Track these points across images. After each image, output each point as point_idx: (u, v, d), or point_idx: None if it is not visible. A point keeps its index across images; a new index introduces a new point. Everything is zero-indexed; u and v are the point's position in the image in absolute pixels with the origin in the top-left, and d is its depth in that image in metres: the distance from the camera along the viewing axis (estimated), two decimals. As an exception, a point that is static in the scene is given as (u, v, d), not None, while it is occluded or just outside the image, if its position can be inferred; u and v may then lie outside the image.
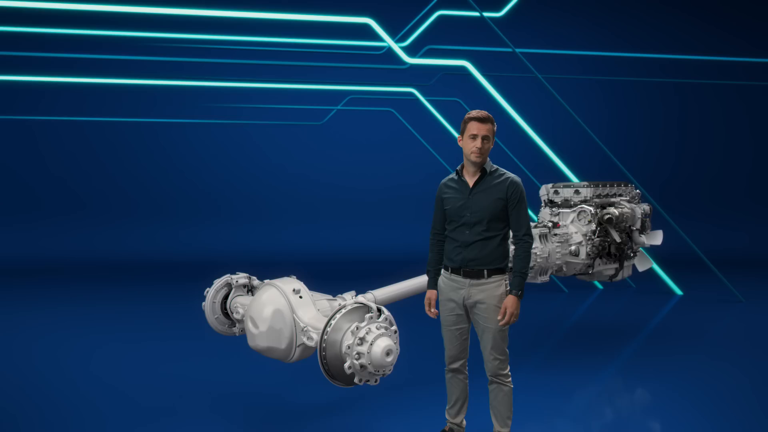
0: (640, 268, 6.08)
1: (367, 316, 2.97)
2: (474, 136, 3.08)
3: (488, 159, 3.18)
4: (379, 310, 3.03)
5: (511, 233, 3.21)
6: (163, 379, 4.54)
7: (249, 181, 12.49)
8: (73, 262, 10.67)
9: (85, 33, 9.74)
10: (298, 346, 3.31)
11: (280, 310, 3.33)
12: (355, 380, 2.93)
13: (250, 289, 3.94)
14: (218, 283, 3.88)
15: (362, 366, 2.89)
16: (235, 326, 3.91)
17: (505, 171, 3.21)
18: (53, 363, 4.95)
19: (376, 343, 2.88)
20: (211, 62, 10.93)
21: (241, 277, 3.91)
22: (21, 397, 4.17)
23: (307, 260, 10.24)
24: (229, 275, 3.92)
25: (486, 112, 3.13)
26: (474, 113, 3.13)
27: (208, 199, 12.39)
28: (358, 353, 2.88)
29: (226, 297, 3.89)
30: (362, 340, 2.89)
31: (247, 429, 3.68)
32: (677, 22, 12.61)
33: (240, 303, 3.81)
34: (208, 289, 3.91)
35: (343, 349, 2.90)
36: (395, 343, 2.96)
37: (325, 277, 5.37)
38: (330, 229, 12.12)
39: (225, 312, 3.91)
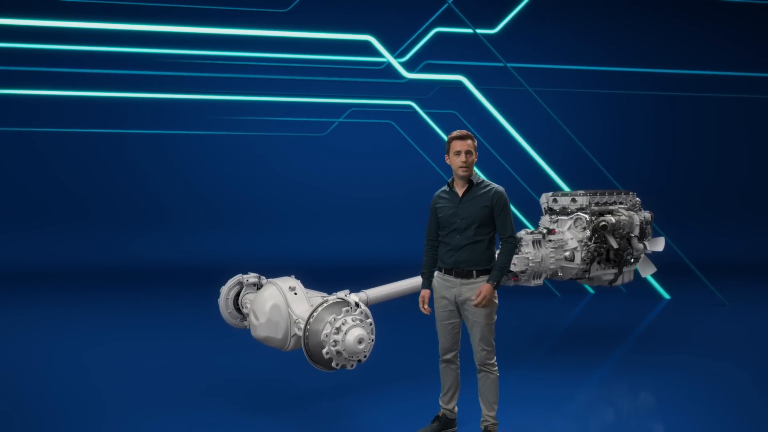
0: (643, 274, 6.24)
1: (344, 309, 3.41)
2: (458, 153, 3.45)
3: (474, 172, 3.54)
4: (357, 304, 3.44)
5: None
6: (169, 373, 4.86)
7: (253, 190, 12.82)
8: (80, 267, 10.94)
9: (94, 49, 10.15)
10: (292, 336, 3.75)
11: (277, 304, 3.78)
12: (333, 364, 3.36)
13: (260, 288, 4.29)
14: (231, 281, 4.28)
15: (338, 352, 3.33)
16: (245, 320, 4.27)
17: (490, 182, 3.56)
18: (64, 362, 5.23)
19: (350, 332, 3.33)
20: (220, 77, 11.30)
21: (251, 277, 4.31)
22: (39, 394, 4.49)
23: (309, 265, 10.52)
24: (240, 275, 4.31)
25: (465, 131, 3.50)
26: (455, 133, 3.50)
27: (213, 208, 12.72)
28: (334, 341, 3.32)
29: (238, 294, 4.27)
30: (338, 329, 3.33)
31: (248, 412, 4.01)
32: (672, 32, 12.97)
33: (249, 299, 4.19)
34: (222, 287, 4.29)
35: (322, 337, 3.34)
36: (369, 334, 3.40)
37: (325, 280, 5.70)
38: (331, 235, 12.44)
39: (237, 307, 4.29)
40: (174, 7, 10.54)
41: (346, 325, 3.35)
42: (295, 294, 3.83)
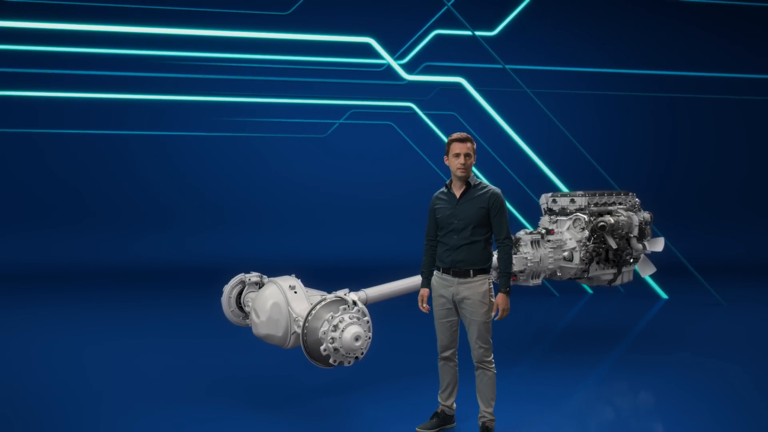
0: (643, 274, 6.31)
1: (341, 307, 3.50)
2: (457, 155, 3.53)
3: (472, 174, 3.62)
4: (354, 303, 3.53)
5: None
6: (172, 370, 4.94)
7: (255, 191, 12.91)
8: (82, 268, 11.00)
9: (97, 52, 10.27)
10: (292, 333, 3.84)
11: (278, 303, 3.88)
12: (330, 361, 3.45)
13: (261, 287, 4.37)
14: (234, 280, 4.38)
15: (335, 349, 3.42)
16: (247, 318, 4.36)
17: (487, 184, 3.64)
18: (66, 360, 5.31)
19: (347, 329, 3.42)
20: (222, 79, 11.43)
21: (253, 276, 4.41)
22: (42, 391, 4.57)
23: (310, 265, 10.58)
24: (243, 274, 4.40)
25: (465, 134, 3.59)
26: (455, 135, 3.59)
27: (215, 209, 12.80)
28: (332, 338, 3.42)
29: (240, 293, 4.36)
30: (335, 327, 3.42)
31: (249, 409, 4.09)
32: (670, 33, 13.04)
33: (251, 298, 4.28)
34: (225, 286, 4.38)
35: (320, 334, 3.44)
36: (365, 331, 3.49)
37: (326, 279, 5.77)
38: (332, 235, 12.52)
39: (239, 306, 4.38)
40: (176, 10, 10.64)
41: (344, 322, 3.44)
42: (295, 293, 3.93)
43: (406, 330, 6.25)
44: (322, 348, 3.42)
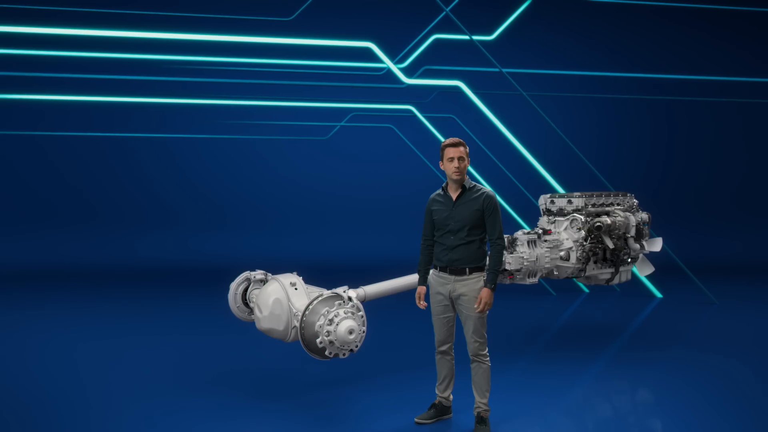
0: (642, 273, 6.43)
1: (337, 302, 3.73)
2: (452, 159, 3.69)
3: (467, 177, 3.78)
4: (349, 298, 3.74)
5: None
6: (178, 363, 5.09)
7: (257, 192, 13.05)
8: (87, 268, 11.11)
9: (101, 56, 10.45)
10: (293, 328, 4.03)
11: (279, 299, 4.09)
12: (326, 353, 3.68)
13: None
14: (240, 278, 4.57)
15: (330, 342, 3.64)
16: (253, 314, 4.53)
17: (481, 186, 3.80)
18: (75, 356, 5.45)
19: (341, 323, 3.65)
20: (226, 82, 11.58)
21: (258, 273, 4.59)
22: (53, 385, 4.73)
23: (311, 264, 10.70)
24: (248, 271, 4.58)
25: (458, 139, 3.75)
26: (448, 141, 3.75)
27: (218, 210, 12.94)
28: (327, 331, 3.63)
29: (246, 290, 4.54)
30: (331, 321, 3.64)
31: (253, 399, 4.25)
32: (667, 35, 13.17)
33: (255, 294, 4.45)
34: (231, 283, 4.57)
35: (316, 327, 3.66)
36: (359, 326, 3.71)
37: (327, 278, 5.91)
38: (333, 235, 12.67)
39: (245, 302, 4.56)
40: (180, 16, 10.80)
41: (338, 317, 3.65)
42: (296, 289, 4.13)
43: (404, 326, 6.40)
44: (318, 341, 3.63)
